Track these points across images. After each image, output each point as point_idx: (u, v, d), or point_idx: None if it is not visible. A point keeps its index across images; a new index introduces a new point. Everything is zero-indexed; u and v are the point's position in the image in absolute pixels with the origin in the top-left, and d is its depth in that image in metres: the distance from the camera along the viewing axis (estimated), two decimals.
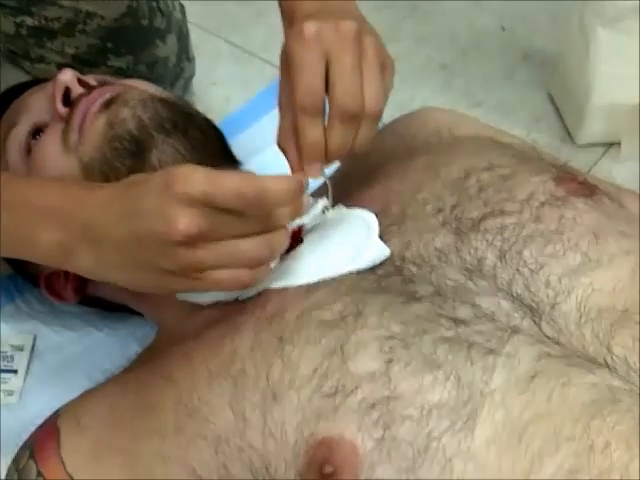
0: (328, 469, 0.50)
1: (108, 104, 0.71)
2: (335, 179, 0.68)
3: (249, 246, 0.55)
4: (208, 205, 0.53)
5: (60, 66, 0.95)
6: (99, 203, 0.58)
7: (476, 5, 1.20)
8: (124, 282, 0.60)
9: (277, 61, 1.12)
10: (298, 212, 0.57)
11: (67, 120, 0.72)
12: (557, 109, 1.06)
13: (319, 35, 0.59)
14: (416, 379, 0.52)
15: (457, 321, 0.55)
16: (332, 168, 0.68)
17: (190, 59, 1.05)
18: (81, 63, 0.95)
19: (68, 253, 0.60)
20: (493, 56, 1.13)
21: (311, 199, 0.69)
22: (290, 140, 0.63)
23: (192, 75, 1.05)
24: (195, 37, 1.07)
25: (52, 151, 0.72)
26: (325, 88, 0.60)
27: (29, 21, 0.95)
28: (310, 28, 0.59)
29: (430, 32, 1.16)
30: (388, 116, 1.01)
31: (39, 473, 0.61)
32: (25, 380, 0.86)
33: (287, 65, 0.61)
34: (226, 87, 1.10)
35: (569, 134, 1.04)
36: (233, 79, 1.12)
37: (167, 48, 0.99)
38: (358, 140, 0.60)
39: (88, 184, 0.65)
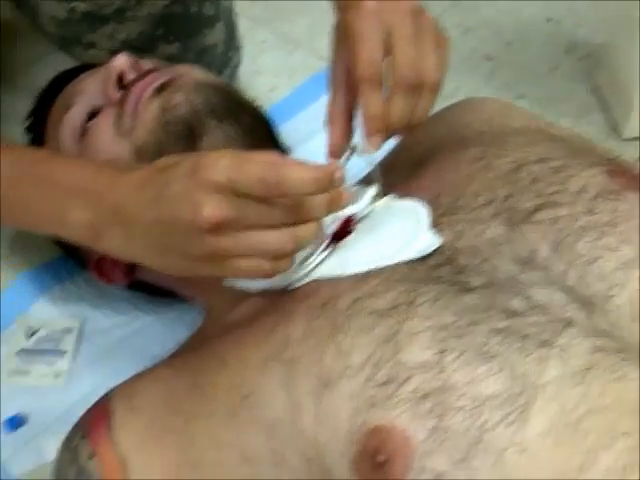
0: (380, 458, 0.50)
1: (161, 89, 0.72)
2: (383, 170, 0.69)
3: (273, 238, 0.55)
4: (234, 192, 0.53)
5: (111, 52, 0.97)
6: (130, 186, 0.59)
7: None
8: (152, 264, 0.61)
9: (322, 51, 1.13)
10: (333, 204, 0.56)
11: (120, 104, 0.73)
12: (603, 102, 1.05)
13: (380, 9, 0.60)
14: (469, 370, 0.52)
15: (510, 312, 0.55)
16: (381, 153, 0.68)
17: (237, 47, 1.05)
18: (131, 49, 0.95)
19: (98, 233, 0.61)
20: (538, 48, 1.13)
21: (359, 188, 0.70)
22: (340, 117, 0.63)
23: (239, 64, 1.06)
24: (241, 26, 1.07)
25: (105, 135, 0.74)
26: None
27: (82, 6, 0.96)
28: (370, 3, 0.60)
29: (475, 23, 1.16)
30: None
31: (92, 453, 0.62)
32: (72, 362, 0.87)
33: (345, 39, 0.61)
34: (271, 76, 1.11)
35: (615, 127, 1.03)
36: (278, 68, 1.12)
37: (215, 36, 1.00)
38: (418, 111, 0.61)
39: (121, 166, 0.66)
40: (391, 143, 0.73)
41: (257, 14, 1.17)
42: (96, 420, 0.64)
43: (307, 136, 0.99)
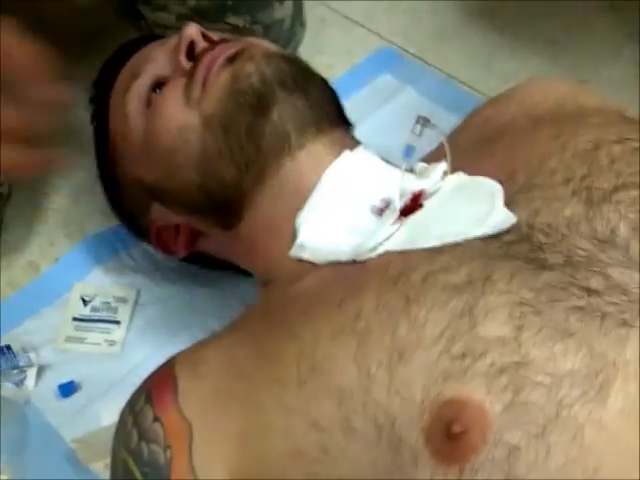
0: (457, 428, 0.50)
1: (232, 59, 0.72)
2: (451, 147, 0.68)
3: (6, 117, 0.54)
4: None
5: (180, 16, 0.97)
6: None
7: None
8: None
9: (381, 30, 1.13)
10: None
11: (190, 74, 0.73)
12: None
13: None
14: (548, 346, 0.52)
15: (589, 291, 0.54)
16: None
17: (303, 24, 1.05)
18: (200, 16, 0.96)
19: None
20: (601, 33, 1.11)
21: (427, 165, 0.70)
22: None
23: (301, 40, 1.06)
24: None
25: (173, 104, 0.73)
26: None
27: None
28: None
29: (537, 6, 1.14)
30: (493, 88, 1.00)
31: (156, 417, 0.62)
32: (128, 331, 0.88)
33: None
34: (329, 55, 1.11)
35: None
36: (336, 47, 1.12)
37: (284, 10, 0.99)
38: None
39: None
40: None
41: None
42: (161, 385, 0.64)
43: (364, 115, 0.99)
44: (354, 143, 0.74)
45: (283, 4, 0.99)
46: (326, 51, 1.11)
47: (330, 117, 0.74)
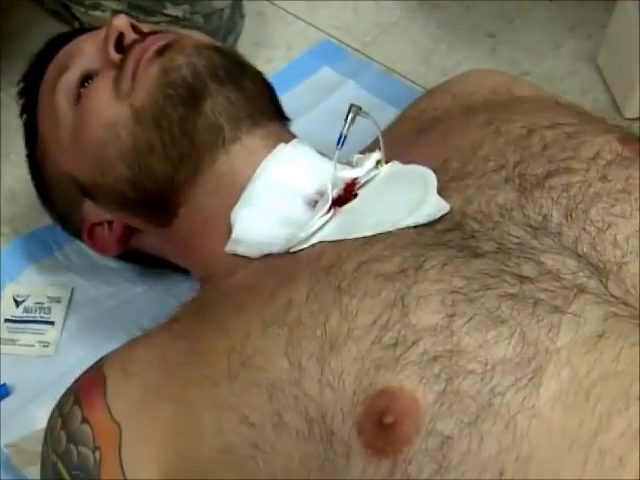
0: (388, 419, 0.49)
1: (162, 51, 0.70)
2: (385, 138, 0.67)
3: None
4: None
5: (115, 13, 0.95)
6: None
7: None
8: None
9: (320, 24, 1.12)
10: None
11: (119, 67, 0.71)
12: (605, 81, 1.04)
13: None
14: (480, 334, 0.51)
15: (522, 278, 0.53)
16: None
17: (242, 15, 1.04)
18: (137, 10, 0.94)
19: None
20: (540, 26, 1.11)
21: (362, 155, 0.69)
22: None
23: (241, 31, 1.04)
24: None
25: (103, 98, 0.71)
26: None
27: None
28: None
29: (476, 0, 1.15)
30: (433, 81, 1.00)
31: (84, 419, 0.61)
32: (62, 332, 0.86)
33: None
34: (269, 48, 1.09)
35: (617, 107, 1.02)
36: (276, 41, 1.11)
37: (223, 0, 0.98)
38: None
39: None
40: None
41: None
42: (89, 386, 0.62)
43: (303, 109, 0.98)
44: (290, 136, 0.73)
45: None
46: (265, 45, 1.09)
47: (265, 110, 0.73)
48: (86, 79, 0.75)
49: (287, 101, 0.79)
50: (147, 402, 0.59)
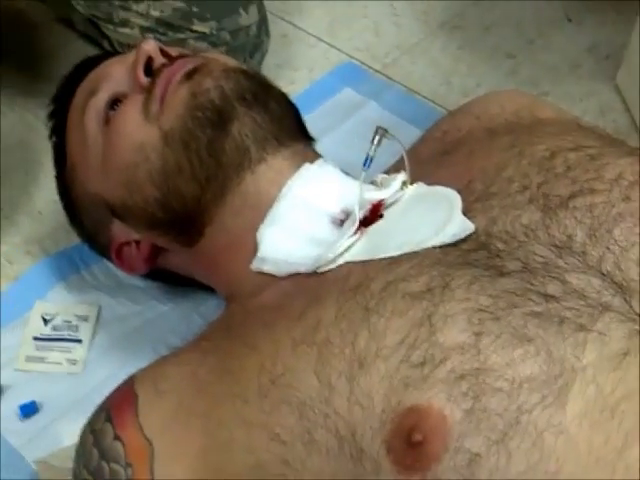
0: (417, 437, 0.50)
1: (191, 74, 0.72)
2: (409, 158, 0.68)
3: None
4: None
5: (144, 29, 0.96)
6: None
7: None
8: None
9: (342, 45, 1.14)
10: None
11: (148, 90, 0.73)
12: (624, 101, 1.05)
13: None
14: (507, 352, 0.52)
15: (547, 297, 0.54)
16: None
17: (268, 33, 1.05)
18: (165, 26, 0.96)
19: None
20: (559, 46, 1.12)
21: (386, 176, 0.70)
22: None
23: (267, 51, 1.06)
24: None
25: (132, 120, 0.73)
26: None
27: None
28: None
29: (496, 21, 1.16)
30: (454, 102, 1.02)
31: (116, 436, 0.62)
32: (89, 350, 0.87)
33: None
34: (291, 70, 1.11)
35: (636, 126, 1.02)
36: (299, 62, 1.13)
37: (249, 18, 1.00)
38: None
39: None
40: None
41: (279, 8, 1.17)
42: (121, 403, 0.63)
43: (325, 129, 1.00)
44: (315, 156, 0.74)
45: (248, 11, 1.00)
46: (288, 66, 1.11)
47: (290, 131, 0.74)
48: (115, 102, 0.76)
49: (309, 122, 0.80)
50: (178, 419, 0.60)
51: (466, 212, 0.61)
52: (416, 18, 1.18)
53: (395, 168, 0.72)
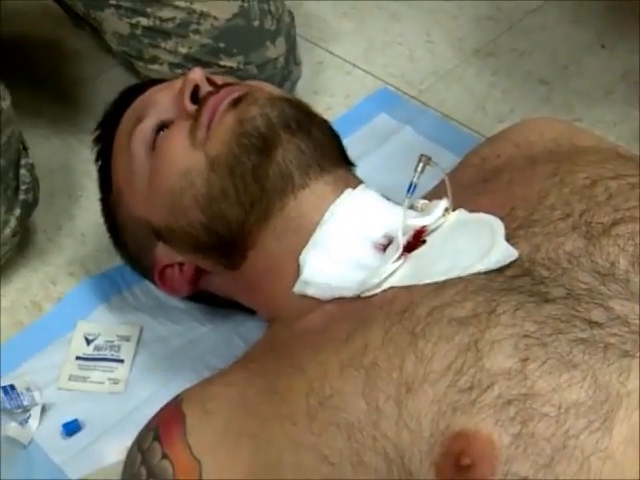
0: (465, 461, 0.51)
1: (237, 102, 0.74)
2: (451, 186, 0.69)
3: None
4: None
5: (173, 66, 0.99)
6: None
7: (575, 22, 1.21)
8: None
9: (377, 72, 1.16)
10: None
11: (195, 117, 0.75)
12: None
13: None
14: (553, 377, 0.53)
15: (592, 323, 0.55)
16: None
17: (297, 62, 1.07)
18: (193, 62, 0.98)
19: None
20: (593, 73, 1.13)
21: (428, 202, 0.71)
22: None
23: (298, 78, 1.08)
24: (298, 47, 1.09)
25: (179, 146, 0.75)
26: None
27: (144, 22, 0.99)
28: None
29: (529, 47, 1.17)
30: (488, 127, 1.03)
31: (164, 455, 0.63)
32: (131, 370, 0.88)
33: None
34: (327, 96, 1.13)
35: None
36: (335, 89, 1.15)
37: (277, 50, 1.02)
38: None
39: None
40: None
41: (315, 35, 1.20)
42: (169, 422, 0.64)
43: (361, 154, 1.01)
44: (356, 182, 0.75)
45: (275, 43, 1.02)
46: (324, 92, 1.13)
47: (332, 157, 0.76)
48: (161, 128, 0.78)
49: (346, 146, 0.82)
50: (227, 439, 0.61)
51: (509, 239, 0.62)
52: (451, 45, 1.19)
53: (435, 194, 0.73)
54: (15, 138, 0.96)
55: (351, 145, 0.87)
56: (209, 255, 0.77)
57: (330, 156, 0.75)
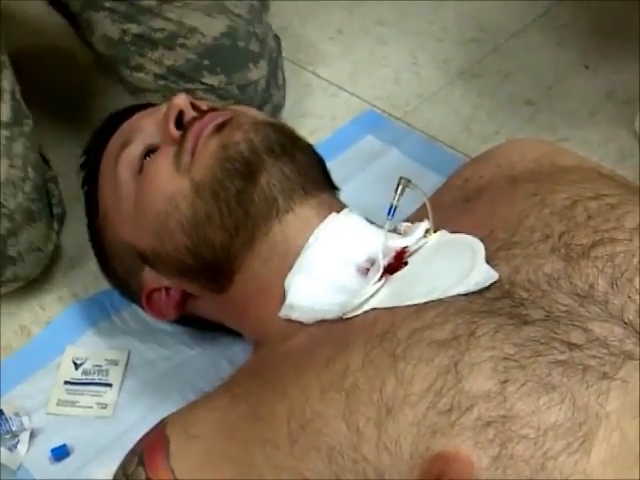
0: None
1: (221, 127, 0.74)
2: (432, 206, 0.70)
3: None
4: None
5: (157, 77, 1.01)
6: None
7: (559, 43, 1.22)
8: None
9: (363, 94, 1.17)
10: None
11: (180, 142, 0.75)
12: None
13: None
14: (532, 400, 0.53)
15: (571, 345, 0.55)
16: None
17: (279, 87, 1.08)
18: (176, 76, 1.00)
19: None
20: (577, 93, 1.15)
21: (410, 224, 0.72)
22: None
23: (280, 103, 1.09)
24: (286, 70, 1.10)
25: (164, 171, 0.75)
26: None
27: (135, 29, 1.00)
28: None
29: (514, 69, 1.19)
30: (473, 148, 1.04)
31: None
32: (119, 394, 0.88)
33: None
34: (314, 118, 1.14)
35: None
36: (321, 111, 1.16)
37: (258, 72, 1.02)
38: None
39: None
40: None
41: (302, 58, 1.21)
42: (153, 447, 0.64)
43: (347, 176, 1.02)
44: (340, 206, 0.76)
45: (258, 66, 1.02)
46: (311, 115, 1.14)
47: (316, 181, 0.76)
48: (147, 153, 0.79)
49: (332, 169, 0.83)
50: (209, 463, 0.61)
51: (489, 260, 0.63)
52: (436, 67, 1.20)
53: (417, 216, 0.73)
54: (39, 155, 0.98)
55: (337, 167, 0.88)
56: (195, 279, 0.77)
57: (314, 180, 0.76)
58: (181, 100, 0.77)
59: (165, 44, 1.00)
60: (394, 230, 0.71)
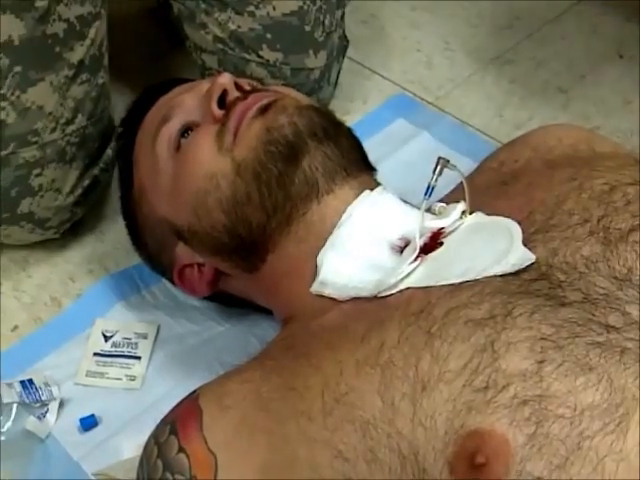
0: (480, 459, 0.51)
1: (265, 109, 0.74)
2: (469, 189, 0.70)
3: None
4: None
5: (216, 39, 1.00)
6: None
7: (593, 32, 1.21)
8: None
9: (395, 78, 1.17)
10: None
11: (222, 122, 0.75)
12: None
13: None
14: (569, 380, 0.53)
15: (608, 327, 0.56)
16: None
17: (330, 83, 1.07)
18: (235, 42, 0.99)
19: None
20: (611, 82, 1.14)
21: (445, 205, 0.72)
22: None
23: (327, 99, 1.08)
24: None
25: (205, 150, 0.75)
26: None
27: None
28: None
29: (547, 56, 1.18)
30: (505, 134, 1.04)
31: (181, 448, 0.63)
32: (148, 367, 0.89)
33: None
34: (346, 101, 1.14)
35: None
36: (353, 94, 1.15)
37: (316, 61, 1.02)
38: None
39: None
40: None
41: None
42: (186, 417, 0.65)
43: (378, 159, 1.01)
44: (375, 185, 0.76)
45: (318, 55, 1.01)
46: (343, 97, 1.14)
47: (356, 162, 0.76)
48: (186, 130, 0.79)
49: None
50: (242, 434, 0.62)
51: (526, 243, 0.63)
52: (469, 53, 1.20)
53: (452, 197, 0.74)
54: (107, 114, 0.98)
55: (368, 150, 0.88)
56: (229, 258, 0.78)
57: (355, 162, 0.76)
58: (225, 79, 0.77)
59: (235, 8, 0.98)
60: (428, 210, 0.72)
